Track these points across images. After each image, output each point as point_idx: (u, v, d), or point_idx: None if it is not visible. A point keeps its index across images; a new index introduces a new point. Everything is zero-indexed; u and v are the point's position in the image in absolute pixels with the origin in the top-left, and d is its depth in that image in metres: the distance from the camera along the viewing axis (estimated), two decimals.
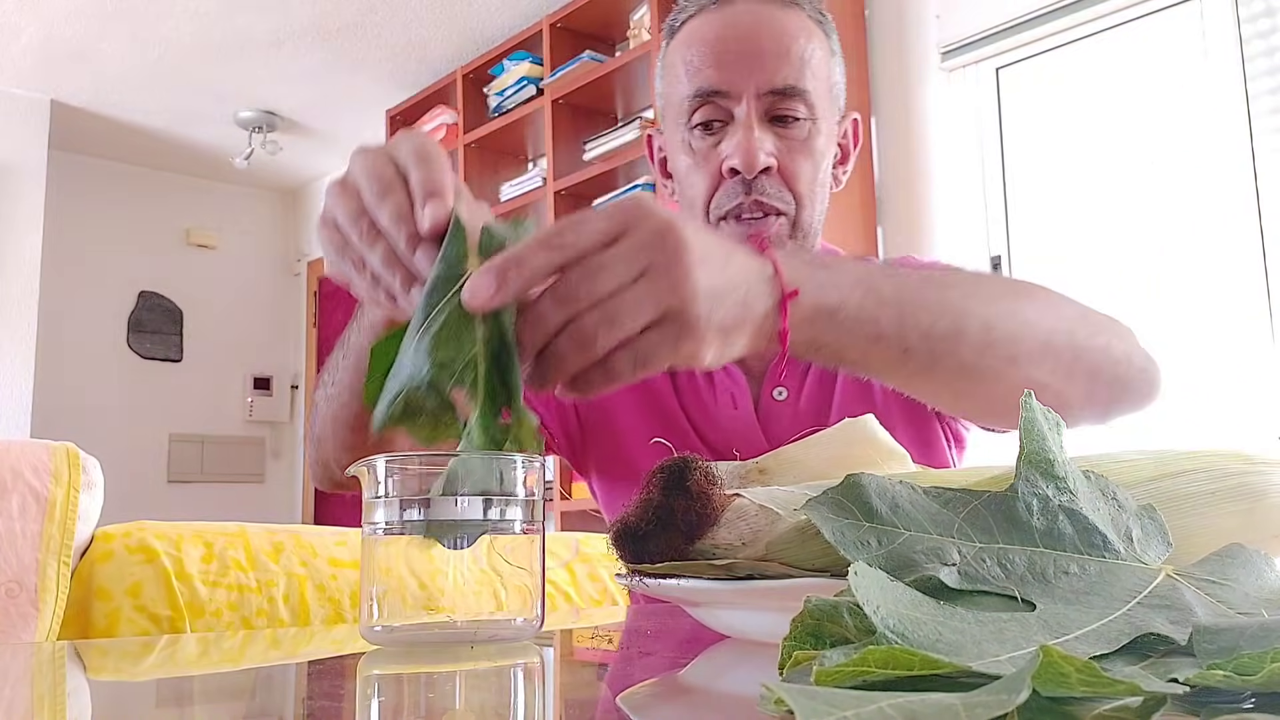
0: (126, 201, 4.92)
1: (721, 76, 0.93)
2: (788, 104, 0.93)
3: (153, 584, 1.04)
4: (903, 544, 0.38)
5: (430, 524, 0.50)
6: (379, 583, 0.52)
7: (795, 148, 0.94)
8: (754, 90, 0.93)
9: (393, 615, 0.52)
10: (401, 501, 0.51)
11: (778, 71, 0.93)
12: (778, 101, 0.93)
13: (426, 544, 0.51)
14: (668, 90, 1.00)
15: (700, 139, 0.96)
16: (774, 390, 1.00)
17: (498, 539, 0.51)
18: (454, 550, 0.51)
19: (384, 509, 0.52)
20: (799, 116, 0.94)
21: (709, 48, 0.94)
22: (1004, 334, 0.69)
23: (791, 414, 0.99)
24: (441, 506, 0.50)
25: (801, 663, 0.30)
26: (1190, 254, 2.37)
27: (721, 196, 0.95)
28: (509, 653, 0.51)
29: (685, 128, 0.97)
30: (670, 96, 1.00)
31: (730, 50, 0.93)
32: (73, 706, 0.46)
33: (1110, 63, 2.53)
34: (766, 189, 0.93)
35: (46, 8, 3.49)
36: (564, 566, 1.34)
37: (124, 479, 4.29)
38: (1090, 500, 0.41)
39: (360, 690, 0.47)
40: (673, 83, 0.99)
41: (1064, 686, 0.25)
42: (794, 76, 0.93)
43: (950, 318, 0.66)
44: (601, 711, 0.41)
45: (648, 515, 0.49)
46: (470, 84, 3.83)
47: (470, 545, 0.51)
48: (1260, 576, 0.40)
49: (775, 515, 0.46)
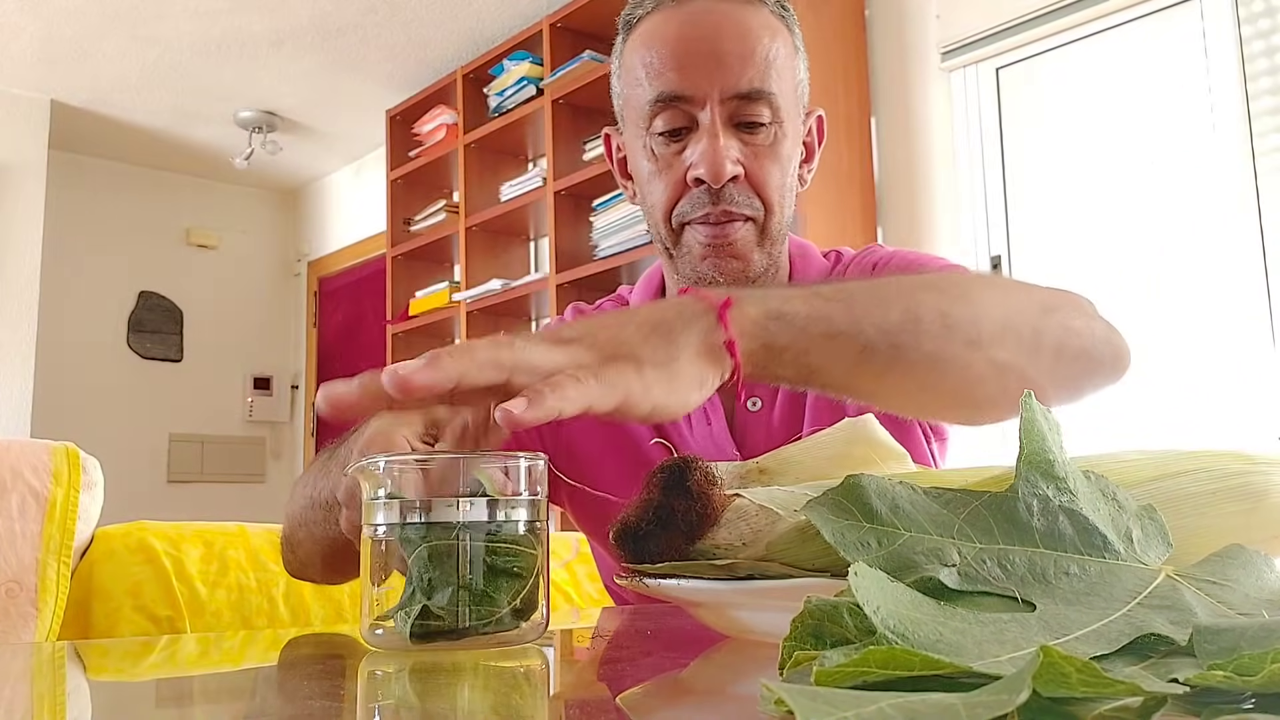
0: (126, 201, 4.92)
1: (684, 81, 0.90)
2: (753, 108, 0.90)
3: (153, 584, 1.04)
4: (903, 545, 0.38)
5: (431, 526, 0.50)
6: (380, 585, 0.52)
7: (762, 153, 0.91)
8: (718, 95, 0.89)
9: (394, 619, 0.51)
10: (402, 504, 0.51)
11: (742, 75, 0.89)
12: (743, 106, 0.90)
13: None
14: (627, 91, 0.97)
15: (663, 145, 0.93)
16: (748, 401, 0.98)
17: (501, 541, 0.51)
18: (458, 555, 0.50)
19: (384, 511, 0.51)
20: (765, 121, 0.91)
21: (669, 49, 0.91)
22: (961, 318, 0.67)
23: (766, 424, 0.97)
24: (443, 509, 0.50)
25: (802, 663, 0.30)
26: (1190, 254, 2.37)
27: (686, 205, 0.92)
28: (509, 653, 0.51)
29: (646, 132, 0.93)
30: (630, 98, 0.96)
31: (692, 52, 0.90)
32: (73, 706, 0.46)
33: (1110, 63, 2.53)
34: (734, 197, 0.91)
35: (46, 8, 3.49)
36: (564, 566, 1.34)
37: (124, 479, 4.29)
38: (1090, 501, 0.41)
39: (360, 690, 0.47)
40: (632, 84, 0.95)
41: (1064, 687, 0.25)
42: (759, 79, 0.90)
43: (902, 307, 0.65)
44: (601, 711, 0.41)
45: (648, 515, 0.49)
46: (470, 84, 3.83)
47: (473, 547, 0.50)
48: (1260, 577, 0.40)
49: (775, 515, 0.46)
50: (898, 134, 2.86)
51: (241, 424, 5.15)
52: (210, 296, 5.10)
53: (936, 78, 2.79)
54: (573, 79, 3.32)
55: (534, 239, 3.93)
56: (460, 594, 0.50)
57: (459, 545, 0.50)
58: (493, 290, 3.62)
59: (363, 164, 4.89)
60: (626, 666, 0.54)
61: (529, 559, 0.51)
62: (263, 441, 5.20)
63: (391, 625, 0.50)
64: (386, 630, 0.51)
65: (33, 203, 4.17)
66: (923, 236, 2.80)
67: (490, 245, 3.83)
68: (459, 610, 0.49)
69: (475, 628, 0.50)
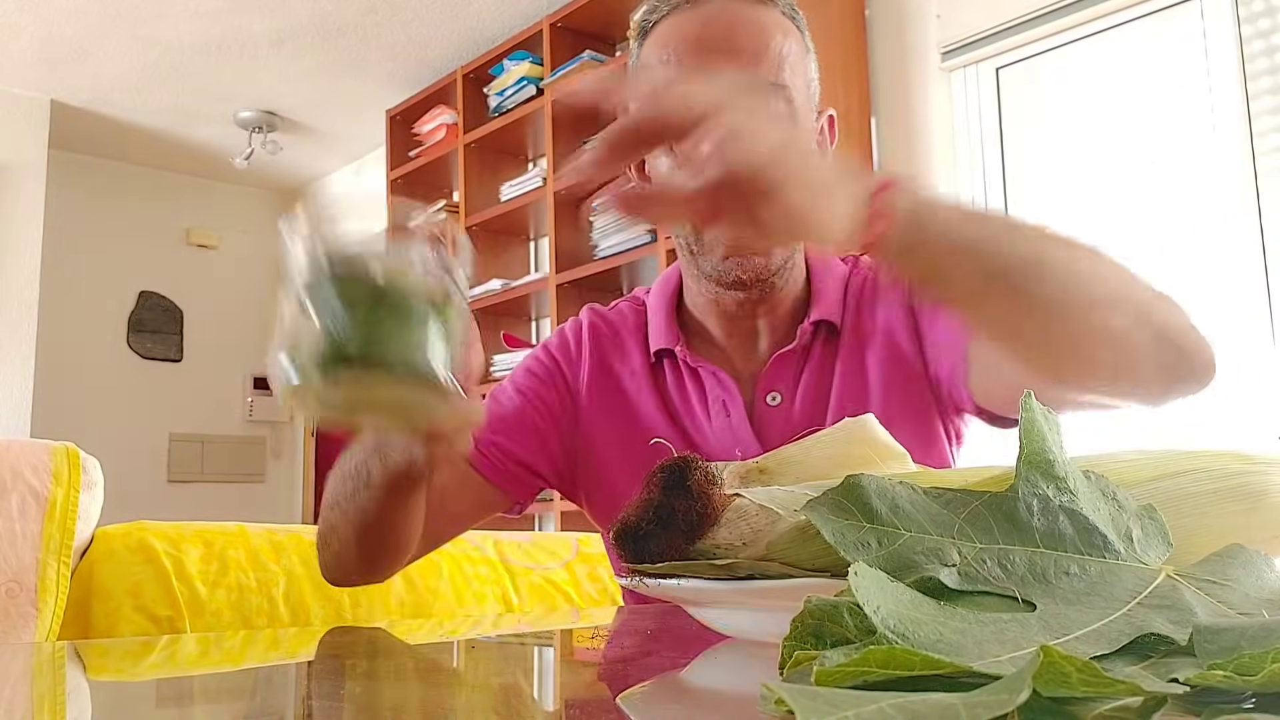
0: (126, 201, 4.92)
1: None
2: None
3: (153, 584, 1.04)
4: (903, 545, 0.38)
5: (342, 263, 0.52)
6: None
7: None
8: None
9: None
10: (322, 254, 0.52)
11: (759, 69, 0.91)
12: None
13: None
14: None
15: None
16: (767, 395, 0.98)
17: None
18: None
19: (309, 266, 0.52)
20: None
21: (687, 47, 0.93)
22: (1083, 274, 0.68)
23: (785, 419, 0.97)
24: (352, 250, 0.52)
25: (802, 663, 0.30)
26: (1190, 254, 2.36)
27: None
28: (509, 653, 0.51)
29: None
30: None
31: (709, 49, 0.92)
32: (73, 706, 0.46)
33: (1110, 63, 2.53)
34: None
35: (46, 8, 3.49)
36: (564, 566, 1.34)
37: (124, 479, 4.29)
38: (1091, 500, 0.41)
39: (360, 691, 0.47)
40: None
41: (1065, 686, 0.25)
42: (774, 74, 0.91)
43: (1034, 246, 0.67)
44: (601, 711, 0.41)
45: (648, 515, 0.49)
46: (470, 84, 3.83)
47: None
48: (1260, 577, 0.40)
49: (775, 515, 0.46)
50: (898, 134, 2.86)
51: (241, 424, 5.15)
52: (210, 296, 5.10)
53: (936, 78, 2.79)
54: (573, 79, 3.32)
55: (534, 239, 3.93)
56: (362, 313, 0.50)
57: (360, 278, 0.51)
58: (493, 290, 3.62)
59: (363, 164, 4.89)
60: (626, 666, 0.54)
61: (427, 293, 0.52)
62: (263, 441, 5.20)
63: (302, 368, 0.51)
64: (301, 373, 0.51)
65: (33, 203, 4.17)
66: None
67: (490, 245, 3.83)
68: (358, 335, 0.50)
69: (379, 357, 0.50)
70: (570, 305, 3.32)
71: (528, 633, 0.82)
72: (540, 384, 1.04)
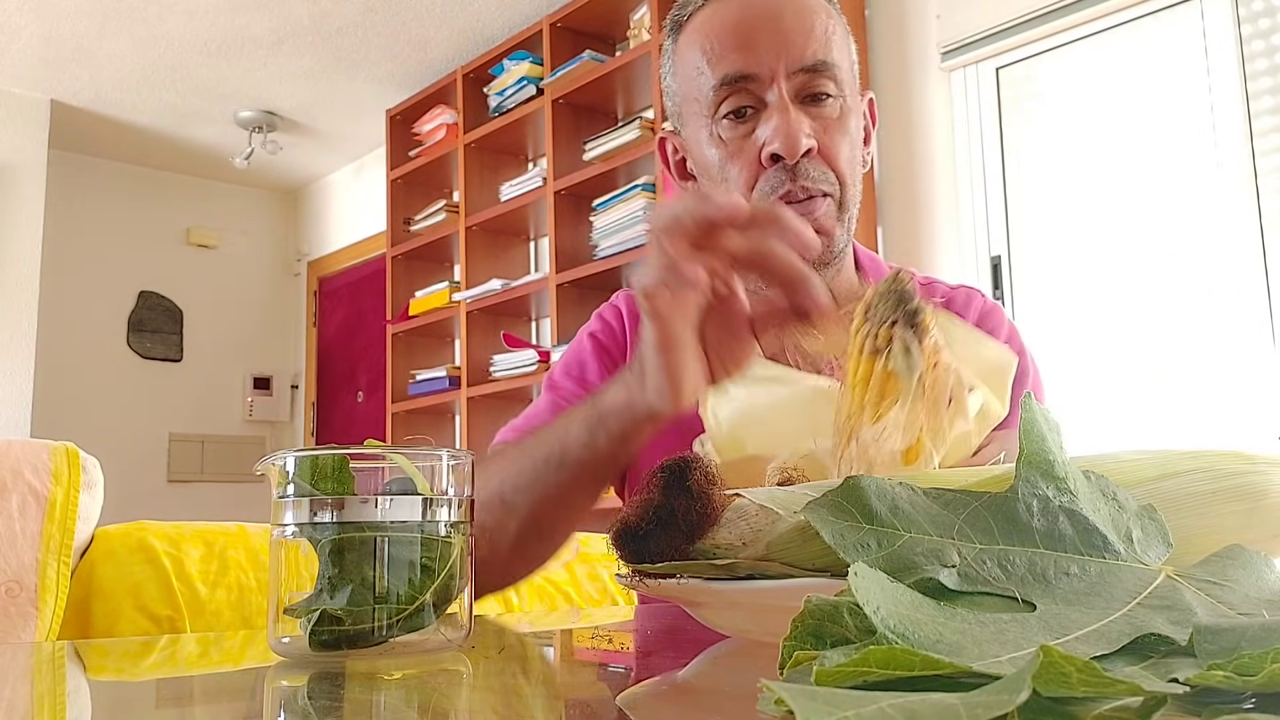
0: (126, 201, 4.92)
1: (748, 60, 0.90)
2: (819, 81, 0.91)
3: (153, 584, 1.04)
4: (903, 546, 0.38)
5: (344, 526, 0.46)
6: (291, 590, 0.48)
7: (831, 126, 0.92)
8: (784, 70, 0.90)
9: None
10: (312, 502, 0.47)
11: (806, 48, 0.90)
12: (809, 80, 0.91)
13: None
14: (684, 86, 0.97)
15: (731, 128, 0.92)
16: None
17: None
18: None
19: (292, 510, 0.47)
20: (831, 94, 0.92)
21: (729, 31, 0.92)
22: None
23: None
24: (357, 507, 0.46)
25: (802, 663, 0.30)
26: (1190, 254, 2.36)
27: (764, 184, 0.91)
28: (509, 653, 0.51)
29: (712, 119, 0.93)
30: (689, 91, 0.96)
31: (754, 30, 0.91)
32: (73, 706, 0.46)
33: (1110, 63, 2.53)
34: (810, 172, 0.90)
35: (46, 7, 3.49)
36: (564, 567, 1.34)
37: (124, 479, 4.29)
38: (1091, 501, 0.41)
39: (359, 691, 0.47)
40: (692, 76, 0.95)
41: (1065, 687, 0.25)
42: (822, 51, 0.91)
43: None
44: (601, 711, 0.41)
45: (648, 515, 0.49)
46: (470, 84, 3.83)
47: (376, 543, 0.46)
48: (1260, 577, 0.40)
49: (775, 515, 0.46)
50: (898, 134, 2.86)
51: (241, 424, 5.15)
52: (210, 296, 5.10)
53: (936, 78, 2.79)
54: (573, 79, 3.31)
55: (534, 239, 3.93)
56: (360, 592, 0.45)
57: (360, 540, 0.46)
58: (493, 290, 3.62)
59: (363, 164, 4.89)
60: (626, 666, 0.54)
61: (437, 550, 0.48)
62: (263, 441, 5.20)
63: (297, 632, 0.47)
64: (293, 639, 0.47)
65: (33, 203, 4.17)
66: (923, 236, 2.80)
67: (490, 245, 3.83)
68: (359, 610, 0.46)
69: (382, 629, 0.46)
70: (570, 305, 3.32)
71: (528, 632, 0.82)
72: (596, 362, 1.03)
